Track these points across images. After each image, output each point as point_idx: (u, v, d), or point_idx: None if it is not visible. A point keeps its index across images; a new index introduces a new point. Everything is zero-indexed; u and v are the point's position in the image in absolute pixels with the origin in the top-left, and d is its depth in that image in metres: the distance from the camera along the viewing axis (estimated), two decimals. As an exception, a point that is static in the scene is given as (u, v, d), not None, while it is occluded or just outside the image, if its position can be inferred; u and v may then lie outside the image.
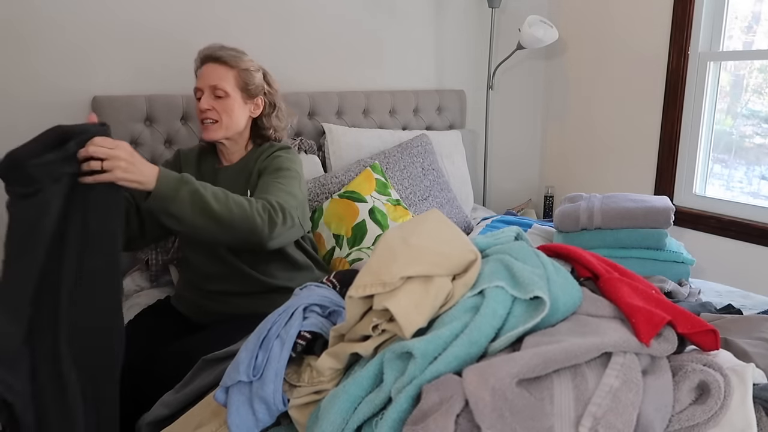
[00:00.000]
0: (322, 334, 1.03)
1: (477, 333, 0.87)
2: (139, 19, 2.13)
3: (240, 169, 1.70)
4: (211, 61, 1.65)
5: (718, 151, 2.47)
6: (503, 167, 3.13)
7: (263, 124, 1.73)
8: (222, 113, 1.63)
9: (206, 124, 1.64)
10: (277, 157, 1.67)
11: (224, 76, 1.63)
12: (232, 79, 1.64)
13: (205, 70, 1.65)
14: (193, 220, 1.33)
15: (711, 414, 0.82)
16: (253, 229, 1.39)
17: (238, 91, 1.65)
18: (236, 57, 1.66)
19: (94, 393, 1.17)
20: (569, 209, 1.93)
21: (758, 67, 2.33)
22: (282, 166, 1.63)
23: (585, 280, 1.13)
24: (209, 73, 1.64)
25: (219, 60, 1.64)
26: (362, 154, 2.37)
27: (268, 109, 1.73)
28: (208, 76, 1.64)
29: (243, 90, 1.66)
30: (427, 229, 1.01)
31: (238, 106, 1.66)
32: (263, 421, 0.95)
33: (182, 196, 1.31)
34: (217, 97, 1.63)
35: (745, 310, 1.57)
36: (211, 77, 1.63)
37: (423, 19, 2.71)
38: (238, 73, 1.64)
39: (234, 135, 1.68)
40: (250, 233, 1.39)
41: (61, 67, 2.04)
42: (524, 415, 0.75)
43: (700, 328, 0.91)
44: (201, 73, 1.66)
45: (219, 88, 1.62)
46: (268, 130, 1.74)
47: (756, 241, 2.30)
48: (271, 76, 1.76)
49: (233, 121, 1.65)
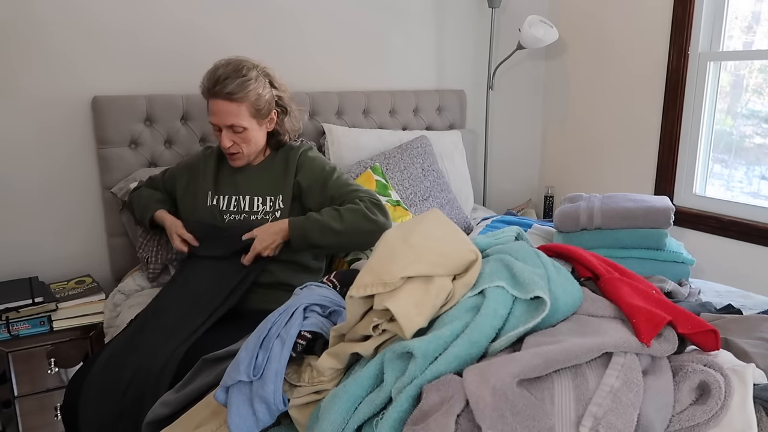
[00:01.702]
0: (323, 333, 1.03)
1: (477, 333, 0.87)
2: (140, 20, 2.13)
3: (263, 169, 1.77)
4: (220, 98, 1.64)
5: (718, 151, 2.47)
6: (503, 167, 3.13)
7: (278, 131, 1.78)
8: (243, 145, 1.70)
9: (231, 156, 1.72)
10: (313, 162, 1.75)
11: (237, 113, 1.65)
12: (246, 112, 1.66)
13: (217, 107, 1.65)
14: (330, 242, 1.61)
15: (711, 414, 0.82)
16: (373, 224, 1.61)
17: (252, 120, 1.69)
18: (243, 87, 1.63)
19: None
20: (569, 209, 1.93)
21: (758, 67, 2.33)
22: (325, 167, 1.74)
23: (585, 280, 1.13)
24: (222, 112, 1.65)
25: (229, 98, 1.63)
26: (362, 155, 2.37)
27: (281, 117, 1.77)
28: (222, 116, 1.65)
29: (256, 117, 1.69)
30: (428, 229, 1.01)
31: (256, 131, 1.71)
32: (263, 420, 0.95)
33: (311, 231, 1.60)
34: (235, 132, 1.67)
35: (745, 310, 1.57)
36: (226, 117, 1.65)
37: (423, 19, 2.71)
38: (249, 105, 1.66)
39: (259, 149, 1.76)
40: (373, 227, 1.61)
41: (62, 68, 2.04)
42: (525, 415, 0.75)
43: (700, 329, 0.91)
44: (212, 109, 1.67)
45: (236, 126, 1.66)
46: (284, 136, 1.80)
47: (756, 241, 2.30)
48: (276, 78, 1.76)
49: (254, 147, 1.73)
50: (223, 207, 1.73)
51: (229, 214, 1.72)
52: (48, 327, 1.86)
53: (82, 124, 2.10)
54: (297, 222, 1.62)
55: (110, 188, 2.09)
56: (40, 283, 2.00)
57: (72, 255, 2.16)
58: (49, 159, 2.07)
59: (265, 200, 1.72)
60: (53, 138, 2.06)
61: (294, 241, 1.61)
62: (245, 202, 1.73)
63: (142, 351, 1.42)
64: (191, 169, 1.83)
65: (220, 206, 1.73)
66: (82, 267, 2.18)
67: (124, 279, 2.02)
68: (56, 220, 2.11)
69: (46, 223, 2.10)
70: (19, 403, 1.84)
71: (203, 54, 2.20)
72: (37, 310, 1.84)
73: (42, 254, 2.11)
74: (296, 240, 1.61)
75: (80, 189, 2.13)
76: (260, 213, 1.71)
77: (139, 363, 1.38)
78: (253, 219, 1.71)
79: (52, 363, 1.85)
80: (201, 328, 1.49)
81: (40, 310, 1.85)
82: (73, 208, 2.13)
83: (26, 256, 2.09)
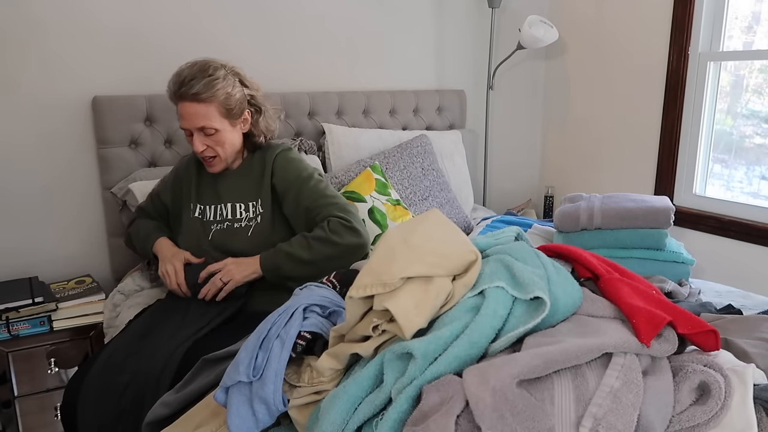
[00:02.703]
0: (322, 334, 1.03)
1: (477, 333, 0.87)
2: (139, 20, 2.13)
3: (242, 174, 1.72)
4: (187, 100, 1.57)
5: (718, 151, 2.47)
6: (503, 167, 3.13)
7: (253, 132, 1.72)
8: (217, 147, 1.64)
9: (207, 161, 1.67)
10: (288, 164, 1.69)
11: (207, 114, 1.58)
12: (216, 113, 1.59)
13: (185, 110, 1.59)
14: (302, 272, 1.56)
15: (711, 414, 0.82)
16: (337, 248, 1.57)
17: (224, 120, 1.62)
18: (210, 86, 1.56)
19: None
20: (569, 209, 1.93)
21: (758, 67, 2.33)
22: (300, 173, 1.68)
23: (585, 280, 1.13)
24: (190, 115, 1.58)
25: (195, 98, 1.56)
26: (362, 154, 2.36)
27: (255, 116, 1.71)
28: (191, 118, 1.59)
29: (228, 117, 1.62)
30: (428, 230, 1.01)
31: (229, 133, 1.64)
32: (263, 421, 0.95)
33: (281, 263, 1.57)
34: (207, 135, 1.61)
35: (745, 310, 1.57)
36: (195, 119, 1.58)
37: (423, 19, 2.71)
38: (218, 105, 1.58)
39: (235, 152, 1.70)
40: (337, 252, 1.57)
41: (62, 68, 2.04)
42: (525, 416, 0.75)
43: (700, 329, 0.91)
44: (181, 112, 1.60)
45: (207, 128, 1.60)
46: (259, 137, 1.73)
47: (756, 241, 2.30)
48: (246, 77, 1.69)
49: (229, 149, 1.66)
50: (208, 217, 1.69)
51: (215, 224, 1.68)
52: (48, 327, 1.86)
53: (82, 124, 2.10)
54: (267, 256, 1.59)
55: (110, 188, 2.09)
56: (40, 283, 2.00)
57: (72, 255, 2.16)
58: (50, 159, 2.07)
59: (247, 206, 1.68)
60: (53, 138, 2.06)
61: (267, 274, 1.59)
62: (227, 210, 1.68)
63: (142, 353, 1.42)
64: (175, 182, 1.78)
65: (206, 217, 1.69)
66: (82, 267, 2.18)
67: (124, 279, 2.02)
68: (56, 220, 2.11)
69: (46, 223, 2.10)
70: (19, 403, 1.84)
71: (203, 54, 2.19)
72: (37, 310, 1.84)
73: (42, 254, 2.11)
74: (269, 274, 1.59)
75: (80, 189, 2.13)
76: (243, 220, 1.67)
77: (139, 365, 1.38)
78: (237, 227, 1.66)
79: (52, 363, 1.85)
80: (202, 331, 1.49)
81: (40, 310, 1.85)
82: (73, 208, 2.13)
83: (26, 256, 2.09)
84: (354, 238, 1.59)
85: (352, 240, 1.59)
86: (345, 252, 1.58)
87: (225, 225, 1.68)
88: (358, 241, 1.60)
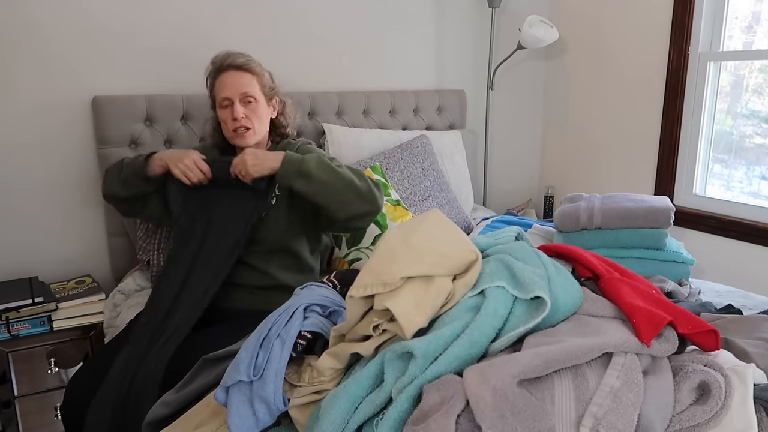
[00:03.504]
0: (323, 334, 1.03)
1: (478, 333, 0.87)
2: (139, 20, 2.13)
3: None
4: (233, 69, 1.67)
5: (718, 151, 2.47)
6: (503, 167, 3.13)
7: (280, 122, 1.79)
8: (254, 119, 1.69)
9: (240, 132, 1.68)
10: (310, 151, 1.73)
11: (251, 83, 1.68)
12: (257, 85, 1.69)
13: (229, 78, 1.66)
14: (320, 175, 1.53)
15: (712, 414, 0.82)
16: (368, 190, 1.57)
17: (263, 96, 1.71)
18: (255, 63, 1.70)
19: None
20: (569, 209, 1.93)
21: (758, 67, 2.33)
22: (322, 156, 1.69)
23: (586, 280, 1.13)
24: (235, 82, 1.66)
25: (242, 68, 1.67)
26: (362, 155, 2.36)
27: (281, 107, 1.79)
28: (236, 85, 1.66)
29: (265, 94, 1.72)
30: (428, 229, 1.01)
31: (264, 110, 1.72)
32: (263, 420, 0.95)
33: (309, 159, 1.54)
34: (247, 103, 1.67)
35: (745, 310, 1.57)
36: (240, 85, 1.66)
37: (423, 19, 2.71)
38: (260, 79, 1.70)
39: (262, 138, 1.75)
40: (367, 193, 1.56)
41: (62, 68, 2.04)
42: (525, 415, 0.75)
43: (700, 329, 0.91)
44: (224, 82, 1.67)
45: (250, 95, 1.67)
46: (285, 128, 1.81)
47: (756, 241, 2.30)
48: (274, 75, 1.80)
49: (263, 125, 1.73)
50: None
51: None
52: (48, 327, 1.86)
53: (82, 124, 2.10)
54: (295, 154, 1.57)
55: (110, 188, 2.09)
56: (40, 283, 2.00)
57: (72, 255, 2.16)
58: (50, 159, 2.07)
59: None
60: (53, 138, 2.06)
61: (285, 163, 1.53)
62: None
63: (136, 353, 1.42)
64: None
65: None
66: (82, 267, 2.18)
67: (124, 279, 2.02)
68: (56, 220, 2.11)
69: (46, 223, 2.10)
70: (19, 403, 1.84)
71: (203, 54, 2.19)
72: (37, 310, 1.84)
73: (42, 254, 2.11)
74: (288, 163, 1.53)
75: (80, 189, 2.13)
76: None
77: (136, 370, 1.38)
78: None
79: (52, 363, 1.85)
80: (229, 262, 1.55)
81: (40, 310, 1.85)
82: (73, 208, 2.13)
83: (26, 256, 2.09)
84: (378, 193, 1.60)
85: (375, 192, 1.59)
86: (366, 193, 1.56)
87: None
88: (378, 199, 1.59)
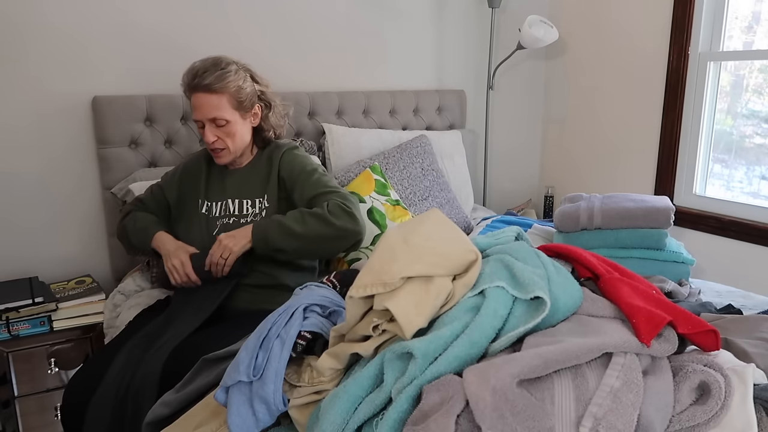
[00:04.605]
0: (323, 334, 1.03)
1: (478, 333, 0.87)
2: (139, 20, 2.13)
3: (249, 171, 1.74)
4: (200, 91, 1.62)
5: (718, 151, 2.47)
6: (503, 167, 3.13)
7: (263, 127, 1.76)
8: (227, 139, 1.67)
9: (216, 152, 1.68)
10: (294, 158, 1.73)
11: (219, 105, 1.62)
12: (227, 104, 1.63)
13: (197, 101, 1.63)
14: (291, 246, 1.56)
15: (711, 414, 0.82)
16: (331, 228, 1.56)
17: (235, 112, 1.66)
18: (222, 78, 1.61)
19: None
20: (569, 209, 1.93)
21: (758, 67, 2.33)
22: (305, 167, 1.71)
23: (585, 280, 1.13)
24: (203, 105, 1.63)
25: (208, 89, 1.61)
26: (362, 155, 2.36)
27: (264, 111, 1.74)
28: (204, 109, 1.63)
29: (239, 109, 1.67)
30: (428, 229, 1.01)
31: (240, 125, 1.68)
32: (263, 421, 0.95)
33: (272, 233, 1.56)
34: (218, 126, 1.65)
35: (745, 310, 1.57)
36: (207, 110, 1.63)
37: (423, 19, 2.71)
38: (230, 96, 1.63)
39: (244, 149, 1.73)
40: (332, 233, 1.56)
41: (62, 68, 2.04)
42: (525, 416, 0.75)
43: (700, 329, 0.91)
44: (194, 104, 1.65)
45: (218, 119, 1.64)
46: (269, 131, 1.77)
47: (756, 241, 2.30)
48: (257, 74, 1.74)
49: (239, 142, 1.70)
50: (214, 213, 1.71)
51: (220, 220, 1.70)
52: (48, 327, 1.86)
53: (82, 124, 2.10)
54: (259, 224, 1.59)
55: (110, 188, 2.09)
56: (40, 283, 2.00)
57: (72, 255, 2.16)
58: (50, 159, 2.07)
59: (254, 202, 1.70)
60: (53, 138, 2.06)
61: (256, 244, 1.57)
62: (235, 206, 1.71)
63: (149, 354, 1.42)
64: (183, 177, 1.78)
65: (212, 213, 1.71)
66: (82, 267, 2.18)
67: (124, 279, 2.02)
68: (56, 220, 2.11)
69: (46, 223, 2.10)
70: (19, 403, 1.84)
71: (203, 54, 2.19)
72: (37, 310, 1.84)
73: (42, 254, 2.11)
74: (258, 243, 1.57)
75: (80, 189, 2.13)
76: (250, 216, 1.69)
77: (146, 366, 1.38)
78: (243, 222, 1.68)
79: (52, 363, 1.85)
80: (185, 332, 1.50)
81: (40, 310, 1.85)
82: (73, 208, 2.13)
83: (26, 256, 2.09)
84: (350, 222, 1.58)
85: (347, 224, 1.57)
86: (339, 234, 1.57)
87: (231, 220, 1.70)
88: (353, 227, 1.58)
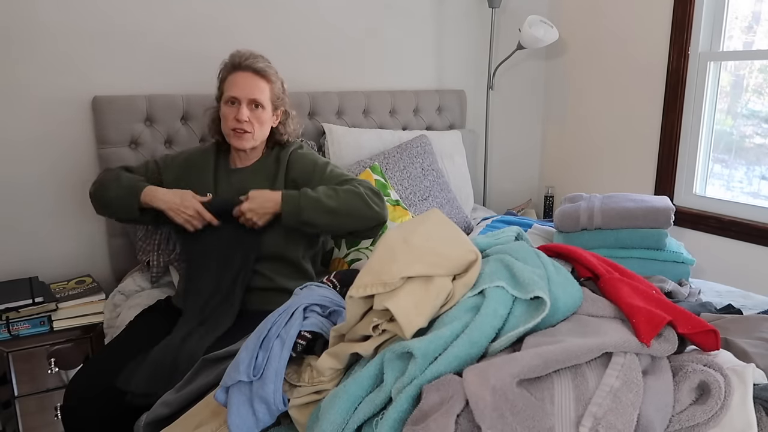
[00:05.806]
0: (323, 334, 1.03)
1: (477, 333, 0.87)
2: (139, 20, 2.13)
3: (256, 171, 1.74)
4: (250, 71, 1.66)
5: (718, 151, 2.47)
6: (503, 167, 3.13)
7: (279, 131, 1.77)
8: (256, 124, 1.68)
9: (239, 132, 1.67)
10: (303, 157, 1.75)
11: (263, 90, 1.67)
12: (268, 93, 1.68)
13: (242, 79, 1.65)
14: (323, 221, 1.58)
15: (711, 414, 0.82)
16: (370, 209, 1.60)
17: (270, 104, 1.70)
18: (273, 70, 1.70)
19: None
20: (569, 209, 1.93)
21: (758, 67, 2.33)
22: (317, 163, 1.74)
23: (585, 280, 1.13)
24: (248, 84, 1.65)
25: (259, 73, 1.66)
26: (362, 155, 2.36)
27: (283, 117, 1.77)
28: (248, 88, 1.65)
29: (273, 103, 1.71)
30: (428, 230, 1.01)
31: (268, 117, 1.71)
32: (263, 420, 0.95)
33: (305, 208, 1.56)
34: (254, 108, 1.67)
35: (745, 310, 1.57)
36: (251, 89, 1.65)
37: (423, 20, 2.71)
38: (272, 87, 1.69)
39: (260, 144, 1.74)
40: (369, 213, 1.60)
41: (62, 68, 2.04)
42: (525, 415, 0.75)
43: (700, 329, 0.91)
44: (236, 81, 1.65)
45: (259, 102, 1.66)
46: (284, 136, 1.79)
47: (756, 241, 2.30)
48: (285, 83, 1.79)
49: (263, 132, 1.72)
50: None
51: None
52: (48, 327, 1.86)
53: (82, 124, 2.10)
54: (290, 196, 1.59)
55: (110, 188, 2.08)
56: (40, 283, 2.00)
57: (72, 255, 2.16)
58: (50, 159, 2.07)
59: None
60: (53, 138, 2.06)
61: (285, 216, 1.57)
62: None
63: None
64: (187, 164, 1.78)
65: None
66: (82, 267, 2.18)
67: (124, 279, 2.02)
68: (56, 220, 2.11)
69: (46, 223, 2.10)
70: (19, 403, 1.84)
71: (203, 54, 2.21)
72: (37, 310, 1.84)
73: (42, 254, 2.11)
74: (288, 216, 1.57)
75: (80, 189, 2.13)
76: None
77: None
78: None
79: (52, 363, 1.85)
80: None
81: (40, 310, 1.85)
82: (73, 208, 2.13)
83: (26, 256, 2.09)
84: (382, 207, 1.63)
85: (379, 208, 1.62)
86: (371, 214, 1.60)
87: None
88: (383, 212, 1.63)
